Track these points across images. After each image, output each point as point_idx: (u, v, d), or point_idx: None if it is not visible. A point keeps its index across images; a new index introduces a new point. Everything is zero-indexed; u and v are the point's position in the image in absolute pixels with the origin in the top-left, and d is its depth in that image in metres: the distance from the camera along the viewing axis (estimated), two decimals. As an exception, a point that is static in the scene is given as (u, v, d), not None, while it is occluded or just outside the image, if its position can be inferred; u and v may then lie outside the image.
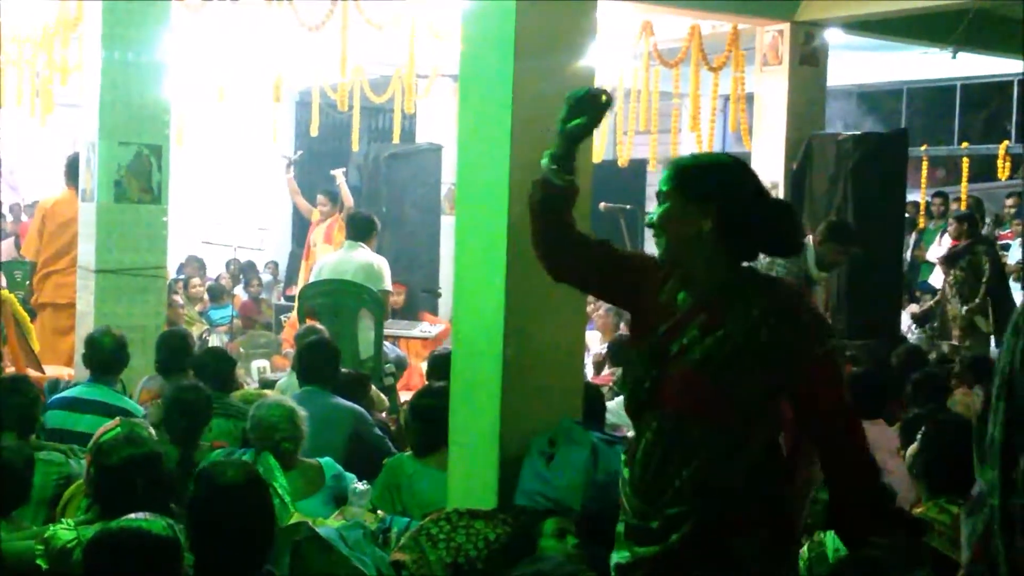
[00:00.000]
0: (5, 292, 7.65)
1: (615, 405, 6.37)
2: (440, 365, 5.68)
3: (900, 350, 7.05)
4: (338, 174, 11.24)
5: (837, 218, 7.85)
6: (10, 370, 6.85)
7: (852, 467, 2.84)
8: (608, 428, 5.32)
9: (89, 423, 5.29)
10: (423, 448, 4.91)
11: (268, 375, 7.75)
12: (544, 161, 3.01)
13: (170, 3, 7.23)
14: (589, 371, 7.84)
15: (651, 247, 2.98)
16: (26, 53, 10.07)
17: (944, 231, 10.92)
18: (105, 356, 5.82)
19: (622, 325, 9.61)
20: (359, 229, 8.32)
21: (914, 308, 10.83)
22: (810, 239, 6.91)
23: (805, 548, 3.69)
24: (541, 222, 3.05)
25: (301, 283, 9.94)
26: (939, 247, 11.69)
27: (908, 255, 11.75)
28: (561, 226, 3.04)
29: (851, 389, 5.29)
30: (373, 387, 6.62)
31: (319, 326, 6.86)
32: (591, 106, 2.97)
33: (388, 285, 8.11)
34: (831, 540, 3.61)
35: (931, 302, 10.66)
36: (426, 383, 6.67)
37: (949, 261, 9.87)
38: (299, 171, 11.71)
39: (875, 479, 2.89)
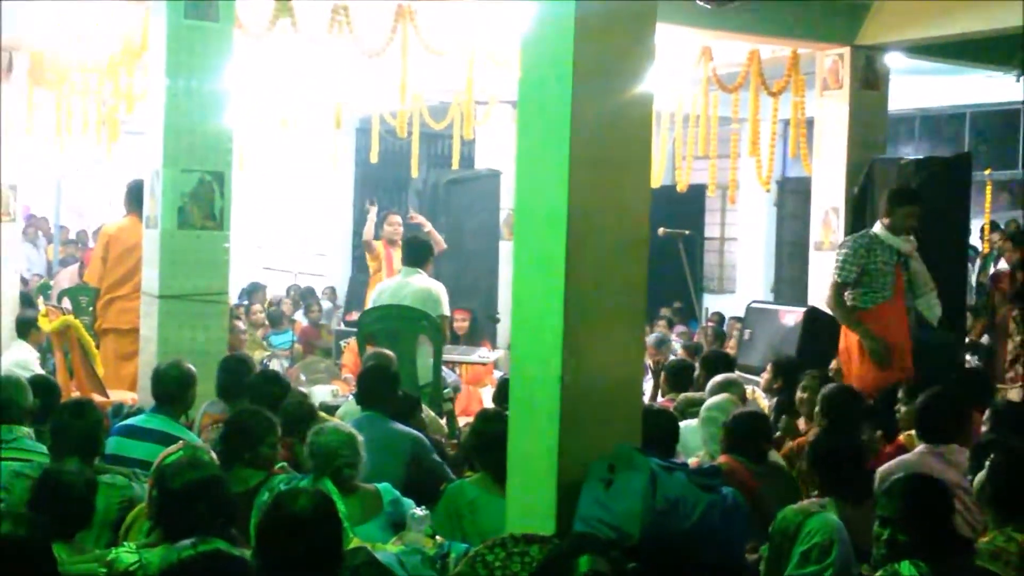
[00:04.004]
0: (71, 318, 7.75)
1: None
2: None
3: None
4: (424, 220, 11.04)
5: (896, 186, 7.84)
6: (75, 394, 6.94)
7: None
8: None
9: (146, 451, 5.34)
10: (484, 472, 4.92)
11: (339, 399, 7.74)
12: None
13: (232, 32, 7.33)
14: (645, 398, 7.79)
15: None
16: (92, 82, 10.24)
17: (998, 257, 10.53)
18: (169, 387, 5.83)
19: (680, 350, 9.57)
20: (416, 255, 8.33)
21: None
22: (878, 225, 7.15)
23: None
24: None
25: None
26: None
27: (973, 280, 11.55)
28: None
29: (928, 412, 5.29)
30: (428, 410, 6.62)
31: (388, 352, 6.85)
32: None
33: (446, 310, 8.10)
34: (906, 569, 3.56)
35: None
36: (483, 407, 6.66)
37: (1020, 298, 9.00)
38: (359, 196, 11.62)
39: None
